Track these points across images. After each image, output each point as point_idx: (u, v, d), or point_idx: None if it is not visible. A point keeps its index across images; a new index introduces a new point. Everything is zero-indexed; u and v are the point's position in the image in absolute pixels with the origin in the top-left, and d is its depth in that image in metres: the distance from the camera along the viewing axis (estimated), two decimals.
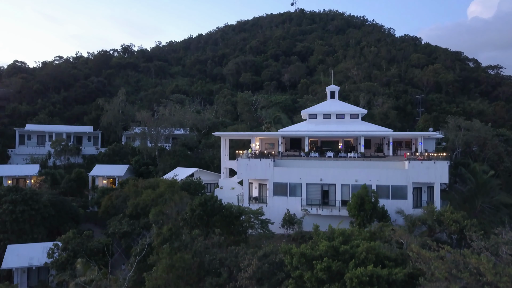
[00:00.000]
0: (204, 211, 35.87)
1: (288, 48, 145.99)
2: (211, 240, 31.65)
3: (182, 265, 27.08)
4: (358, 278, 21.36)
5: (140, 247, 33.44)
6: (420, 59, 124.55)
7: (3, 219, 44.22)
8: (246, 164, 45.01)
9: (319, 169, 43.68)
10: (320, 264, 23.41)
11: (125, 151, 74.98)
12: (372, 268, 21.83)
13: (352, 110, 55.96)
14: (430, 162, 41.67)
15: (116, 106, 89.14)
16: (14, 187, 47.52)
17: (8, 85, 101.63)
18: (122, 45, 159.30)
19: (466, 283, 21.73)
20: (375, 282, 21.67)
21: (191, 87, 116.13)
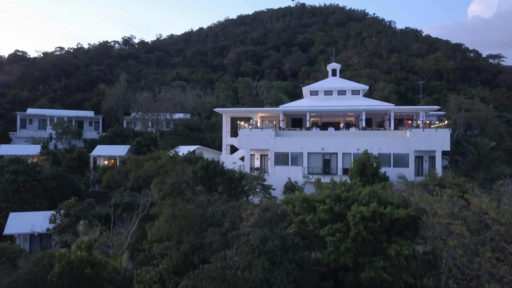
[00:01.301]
0: (206, 173, 35.87)
1: (289, 39, 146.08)
2: (213, 197, 31.68)
3: (184, 214, 27.11)
4: (360, 214, 21.38)
5: (142, 206, 33.53)
6: (421, 48, 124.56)
7: (5, 188, 44.31)
8: (248, 135, 45.05)
9: (321, 138, 43.72)
10: (322, 205, 23.43)
11: (127, 133, 75.00)
12: (374, 205, 21.85)
13: (353, 86, 55.96)
14: (431, 130, 41.69)
15: (117, 91, 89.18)
16: (16, 159, 47.59)
17: (9, 72, 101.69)
18: (123, 37, 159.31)
19: (468, 223, 21.81)
20: (377, 219, 21.70)
21: (192, 75, 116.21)
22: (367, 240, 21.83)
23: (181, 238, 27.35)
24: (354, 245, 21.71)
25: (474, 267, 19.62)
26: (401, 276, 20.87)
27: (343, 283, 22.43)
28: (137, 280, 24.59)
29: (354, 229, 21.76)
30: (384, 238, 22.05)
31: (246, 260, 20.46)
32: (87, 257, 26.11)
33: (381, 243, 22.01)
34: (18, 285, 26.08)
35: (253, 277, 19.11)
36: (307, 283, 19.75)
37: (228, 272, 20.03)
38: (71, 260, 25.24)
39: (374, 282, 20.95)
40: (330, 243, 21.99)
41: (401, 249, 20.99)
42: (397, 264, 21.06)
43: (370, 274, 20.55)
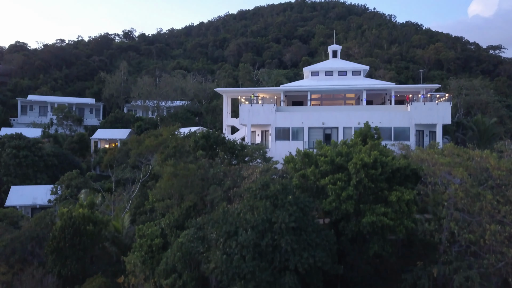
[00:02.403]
0: (207, 142, 35.89)
1: (289, 32, 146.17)
2: (214, 161, 31.75)
3: (186, 173, 27.17)
4: (362, 161, 21.45)
5: (143, 172, 33.61)
6: (422, 40, 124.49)
7: (6, 162, 44.46)
8: (249, 110, 45.09)
9: (322, 112, 43.78)
10: (323, 158, 23.50)
11: (127, 118, 75.05)
12: (376, 153, 21.92)
13: (354, 67, 55.97)
14: (432, 104, 41.74)
15: (118, 79, 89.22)
16: (18, 135, 47.69)
17: (10, 61, 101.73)
18: (123, 30, 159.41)
19: (469, 172, 21.87)
20: (378, 167, 21.77)
21: (193, 65, 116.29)
22: (368, 188, 21.91)
23: (182, 197, 27.40)
24: (355, 193, 21.80)
25: (475, 210, 19.69)
26: (402, 221, 20.95)
27: (344, 233, 22.50)
28: (139, 234, 24.70)
29: (355, 177, 21.84)
30: (385, 186, 22.13)
31: (248, 205, 20.53)
32: (89, 214, 26.23)
33: (382, 192, 22.08)
34: (21, 241, 26.15)
35: (255, 217, 19.17)
36: (308, 226, 19.81)
37: (230, 216, 20.11)
38: (73, 216, 25.35)
39: (375, 227, 21.02)
40: (331, 192, 22.06)
41: (402, 195, 21.06)
42: (398, 210, 21.13)
43: (371, 219, 20.62)
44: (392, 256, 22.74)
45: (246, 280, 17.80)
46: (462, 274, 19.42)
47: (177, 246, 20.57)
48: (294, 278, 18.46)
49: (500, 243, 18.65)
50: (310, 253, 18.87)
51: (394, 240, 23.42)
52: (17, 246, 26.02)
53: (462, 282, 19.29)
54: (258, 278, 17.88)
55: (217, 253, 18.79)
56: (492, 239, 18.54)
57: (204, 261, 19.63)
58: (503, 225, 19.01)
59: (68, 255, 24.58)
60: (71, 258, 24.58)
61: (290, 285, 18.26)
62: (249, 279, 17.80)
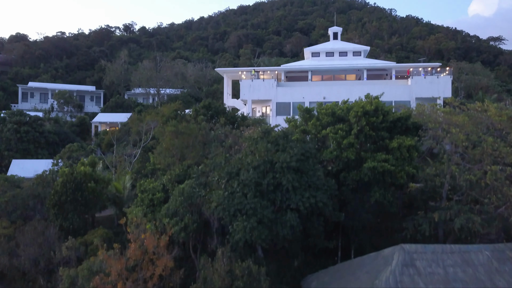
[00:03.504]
0: (207, 112, 35.99)
1: (290, 25, 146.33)
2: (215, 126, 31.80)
3: (187, 131, 27.25)
4: (363, 108, 21.52)
5: (144, 137, 33.67)
6: (422, 31, 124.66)
7: (8, 137, 44.48)
8: (250, 85, 45.17)
9: (322, 87, 43.85)
10: (324, 110, 23.58)
11: (128, 104, 75.14)
12: (377, 101, 22.00)
13: (355, 47, 56.08)
14: (433, 77, 41.83)
15: (119, 67, 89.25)
16: (19, 111, 47.77)
17: (11, 51, 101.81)
18: (123, 24, 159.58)
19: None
20: (380, 114, 21.83)
21: (193, 55, 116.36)
22: (369, 136, 21.97)
23: (184, 156, 27.45)
24: (356, 142, 21.87)
25: (476, 152, 19.75)
26: (403, 168, 21.00)
27: (346, 183, 22.56)
28: (140, 189, 24.72)
29: (356, 126, 21.91)
30: (386, 136, 22.18)
31: (249, 150, 20.58)
32: (91, 172, 26.31)
33: (383, 140, 22.14)
34: (23, 198, 26.22)
35: (256, 159, 19.23)
36: (309, 170, 19.86)
37: (232, 160, 20.18)
38: (75, 172, 25.43)
39: (376, 174, 21.07)
40: (332, 141, 22.13)
41: (403, 142, 21.12)
42: (399, 157, 21.19)
43: (372, 164, 20.68)
44: (393, 207, 22.81)
45: (248, 216, 17.85)
46: (463, 216, 19.46)
47: (178, 192, 20.62)
48: (295, 216, 18.50)
49: (500, 183, 18.70)
50: (311, 193, 18.93)
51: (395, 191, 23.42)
52: (18, 202, 26.11)
53: (463, 224, 19.33)
54: (260, 215, 17.93)
55: (219, 192, 18.85)
56: (493, 179, 18.59)
57: (205, 204, 19.68)
58: (504, 166, 19.07)
59: (70, 210, 24.65)
60: (72, 213, 24.66)
61: (291, 222, 18.31)
62: (251, 214, 17.85)
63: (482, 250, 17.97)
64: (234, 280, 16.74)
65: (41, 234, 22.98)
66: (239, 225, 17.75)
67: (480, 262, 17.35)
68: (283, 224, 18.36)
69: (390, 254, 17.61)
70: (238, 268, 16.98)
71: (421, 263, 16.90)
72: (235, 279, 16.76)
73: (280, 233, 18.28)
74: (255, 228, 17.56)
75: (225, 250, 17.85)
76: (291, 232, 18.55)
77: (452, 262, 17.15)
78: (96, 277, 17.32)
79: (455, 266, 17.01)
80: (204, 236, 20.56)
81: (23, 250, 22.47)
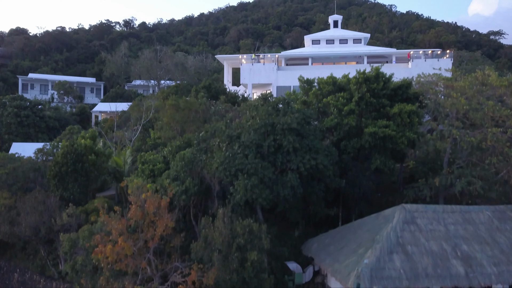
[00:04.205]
0: (208, 93, 35.97)
1: (290, 20, 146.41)
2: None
3: (188, 106, 27.24)
4: (364, 74, 21.50)
5: (145, 115, 33.66)
6: (422, 26, 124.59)
7: (8, 121, 44.44)
8: (250, 69, 45.11)
9: (323, 70, 43.50)
10: (324, 79, 23.57)
11: (128, 94, 75.10)
12: (378, 67, 21.99)
13: (355, 35, 56.12)
14: (433, 60, 41.75)
15: (119, 59, 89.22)
16: (19, 96, 47.75)
17: (11, 43, 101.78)
18: (124, 19, 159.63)
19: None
20: (380, 81, 21.81)
21: (193, 49, 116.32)
22: (370, 104, 21.97)
23: (184, 130, 27.43)
24: (357, 108, 21.84)
25: (477, 116, 19.75)
26: (404, 133, 20.98)
27: (346, 152, 22.54)
28: (141, 161, 24.71)
29: (357, 93, 21.90)
30: (387, 103, 22.16)
31: (250, 116, 20.58)
32: (91, 144, 26.28)
33: (384, 108, 22.12)
34: (23, 170, 26.21)
35: (257, 122, 19.21)
36: (310, 134, 19.83)
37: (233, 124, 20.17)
38: (75, 144, 25.41)
39: (377, 140, 21.04)
40: (333, 108, 22.12)
41: (404, 107, 21.10)
42: (400, 123, 21.17)
43: (373, 129, 20.66)
44: (394, 175, 22.81)
45: (249, 175, 17.82)
46: (464, 180, 19.46)
47: (179, 157, 20.61)
48: (296, 176, 18.49)
49: (501, 145, 18.70)
50: (311, 156, 18.90)
51: (396, 164, 23.38)
52: (19, 174, 26.10)
53: (464, 187, 19.33)
54: (261, 174, 17.90)
55: (220, 153, 18.83)
56: (494, 140, 18.58)
57: (206, 167, 19.66)
58: (505, 128, 19.06)
59: (70, 180, 24.62)
60: (73, 183, 24.63)
61: (292, 182, 18.29)
62: (252, 174, 17.82)
63: (483, 210, 18.03)
64: (235, 238, 16.72)
65: (41, 203, 22.95)
66: (240, 183, 17.73)
67: (481, 221, 17.39)
68: (283, 185, 18.34)
69: (391, 213, 17.63)
70: (239, 225, 16.97)
71: (422, 221, 16.93)
72: (236, 237, 16.75)
73: (280, 193, 18.26)
74: (256, 186, 17.54)
75: (226, 210, 17.84)
76: (291, 193, 18.52)
77: (453, 221, 17.18)
78: (97, 235, 17.30)
79: (456, 224, 17.04)
80: (205, 200, 20.54)
81: (24, 218, 22.45)
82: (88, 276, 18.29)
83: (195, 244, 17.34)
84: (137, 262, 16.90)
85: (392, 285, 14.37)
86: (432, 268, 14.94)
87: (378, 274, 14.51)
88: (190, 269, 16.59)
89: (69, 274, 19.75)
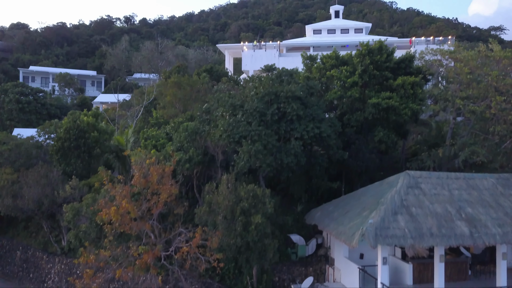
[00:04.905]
0: (210, 76, 35.98)
1: (290, 16, 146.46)
2: None
3: (190, 83, 27.25)
4: (367, 46, 21.51)
5: (146, 96, 33.65)
6: (423, 21, 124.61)
7: (9, 107, 44.42)
8: (251, 55, 45.13)
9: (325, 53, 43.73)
10: (327, 54, 23.57)
11: (129, 86, 75.09)
12: (381, 40, 22.01)
13: (356, 24, 56.24)
14: (435, 46, 41.64)
15: (120, 52, 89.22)
16: (21, 83, 47.74)
17: (12, 37, 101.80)
18: (124, 16, 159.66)
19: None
20: (384, 52, 21.81)
21: (194, 44, 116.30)
22: (373, 76, 21.94)
23: (186, 108, 27.44)
24: (360, 81, 21.82)
25: (481, 86, 19.73)
26: (407, 105, 20.96)
27: (350, 125, 22.53)
28: (144, 137, 24.68)
29: (360, 66, 21.89)
30: (390, 76, 22.14)
31: (253, 87, 20.55)
32: (94, 122, 26.27)
33: (387, 81, 22.10)
34: (26, 147, 26.20)
35: (260, 91, 19.20)
36: (314, 105, 19.81)
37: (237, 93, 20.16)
38: (78, 121, 25.40)
39: (380, 111, 21.02)
40: (337, 81, 22.12)
41: (408, 79, 21.10)
42: (403, 95, 21.16)
43: (376, 100, 20.65)
44: (397, 149, 22.81)
45: (253, 141, 17.81)
46: (467, 149, 19.44)
47: (183, 128, 20.60)
48: (299, 144, 18.47)
49: (505, 113, 18.69)
50: (315, 125, 18.90)
51: (399, 139, 23.39)
52: (22, 151, 26.08)
53: (468, 157, 19.31)
54: (265, 141, 17.88)
55: (223, 121, 18.82)
56: (498, 108, 18.57)
57: (210, 136, 19.66)
58: (508, 96, 19.06)
59: (73, 156, 24.61)
60: (75, 159, 24.62)
61: (296, 150, 18.28)
62: (256, 140, 17.81)
63: (487, 177, 18.03)
64: (239, 202, 16.70)
65: (44, 177, 22.95)
66: (244, 149, 17.71)
67: (485, 187, 17.39)
68: (287, 152, 18.32)
69: (395, 179, 17.63)
70: (243, 190, 16.95)
71: (426, 186, 16.92)
72: (240, 201, 16.73)
73: (284, 160, 18.25)
74: (260, 151, 17.52)
75: (229, 177, 17.81)
76: (295, 161, 18.50)
77: (457, 186, 17.18)
78: (101, 199, 17.28)
79: (460, 189, 17.04)
80: (208, 171, 20.53)
81: (27, 191, 22.43)
82: (92, 243, 18.26)
83: (199, 209, 17.33)
84: (141, 225, 16.88)
85: (397, 243, 14.36)
86: (437, 228, 14.92)
87: (383, 233, 14.49)
88: (194, 233, 16.57)
89: (72, 242, 19.72)
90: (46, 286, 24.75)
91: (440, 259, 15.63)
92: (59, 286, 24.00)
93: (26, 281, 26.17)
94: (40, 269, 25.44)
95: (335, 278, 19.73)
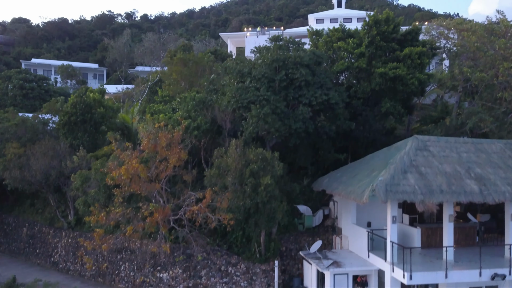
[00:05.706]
0: (215, 57, 35.96)
1: (292, 12, 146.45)
2: None
3: (196, 60, 27.28)
4: (374, 16, 21.56)
5: (151, 78, 33.69)
6: (424, 16, 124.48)
7: (14, 93, 44.48)
8: (255, 41, 44.92)
9: None
10: (334, 27, 23.61)
11: (131, 78, 75.14)
12: (388, 11, 22.06)
13: (359, 14, 56.18)
14: None
15: (122, 45, 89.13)
16: (24, 70, 47.78)
17: (13, 31, 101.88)
18: (125, 12, 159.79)
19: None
20: (391, 24, 21.85)
21: (195, 38, 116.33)
22: (380, 48, 21.97)
23: (192, 85, 27.43)
24: (367, 51, 21.87)
25: (488, 54, 19.77)
26: (415, 74, 21.00)
27: (356, 97, 22.57)
28: (149, 112, 24.72)
29: (367, 37, 21.93)
30: (397, 48, 22.17)
31: (260, 57, 20.56)
32: (100, 98, 26.33)
33: (394, 52, 22.13)
34: (32, 123, 26.26)
35: (268, 57, 19.23)
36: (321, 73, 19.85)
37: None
38: (84, 96, 25.45)
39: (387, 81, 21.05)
40: (344, 53, 22.17)
41: (414, 49, 21.14)
42: (410, 65, 21.20)
43: (383, 69, 20.69)
44: (403, 122, 22.85)
45: (262, 106, 17.84)
46: (475, 117, 19.47)
47: (190, 97, 20.64)
48: (308, 109, 18.52)
49: None
50: (323, 92, 18.95)
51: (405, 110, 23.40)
52: (28, 126, 26.12)
53: (475, 123, 19.35)
54: (273, 106, 17.93)
55: (231, 87, 18.85)
56: (506, 75, 18.61)
57: (218, 103, 19.69)
58: None
59: (80, 130, 24.66)
60: (82, 133, 24.67)
61: (304, 115, 18.32)
62: (264, 104, 17.85)
63: (495, 142, 18.07)
64: (249, 164, 16.75)
65: (51, 149, 22.99)
66: (253, 113, 17.74)
67: (493, 151, 17.46)
68: (295, 118, 18.37)
69: (404, 143, 17.68)
70: (252, 153, 17.00)
71: (434, 149, 16.98)
72: (249, 163, 16.78)
73: (292, 126, 18.29)
74: (269, 115, 17.55)
75: (238, 142, 17.85)
76: (303, 127, 18.53)
77: (466, 150, 17.23)
78: (110, 162, 17.34)
79: (468, 152, 17.09)
80: (216, 140, 20.54)
81: (34, 162, 22.46)
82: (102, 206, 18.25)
83: (209, 172, 17.37)
84: (151, 187, 16.93)
85: (407, 199, 14.42)
86: (446, 185, 14.98)
87: (393, 189, 14.55)
88: (204, 194, 16.63)
89: (81, 208, 19.76)
90: (53, 261, 24.83)
91: (449, 219, 15.71)
92: (66, 259, 24.08)
93: (32, 257, 26.24)
94: (47, 244, 25.50)
95: (343, 246, 19.80)
